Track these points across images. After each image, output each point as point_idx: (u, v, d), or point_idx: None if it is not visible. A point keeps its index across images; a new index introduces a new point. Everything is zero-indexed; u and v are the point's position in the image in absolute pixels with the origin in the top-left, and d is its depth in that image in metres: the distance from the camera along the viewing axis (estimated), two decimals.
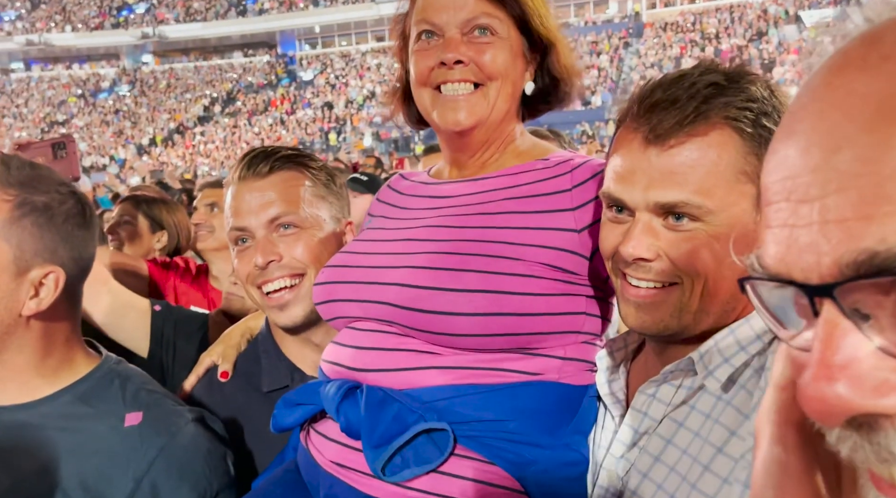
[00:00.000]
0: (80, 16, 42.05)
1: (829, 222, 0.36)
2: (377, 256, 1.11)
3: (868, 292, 0.35)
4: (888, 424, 0.35)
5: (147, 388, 1.17)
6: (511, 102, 1.13)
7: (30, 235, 1.04)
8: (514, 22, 1.12)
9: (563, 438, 1.04)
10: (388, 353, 1.05)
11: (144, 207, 2.65)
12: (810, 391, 0.36)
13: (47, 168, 1.14)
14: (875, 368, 0.35)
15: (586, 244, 1.05)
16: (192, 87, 39.11)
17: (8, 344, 1.05)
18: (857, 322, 0.36)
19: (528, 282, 1.01)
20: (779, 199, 0.39)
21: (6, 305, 1.03)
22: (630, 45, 32.27)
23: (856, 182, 0.35)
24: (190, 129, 35.05)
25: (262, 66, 40.00)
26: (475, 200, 1.12)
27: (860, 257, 0.34)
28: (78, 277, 1.12)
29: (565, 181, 1.08)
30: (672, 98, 0.87)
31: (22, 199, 1.04)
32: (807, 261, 0.37)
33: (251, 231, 1.28)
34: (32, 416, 1.07)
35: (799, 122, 0.39)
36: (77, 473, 1.05)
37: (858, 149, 0.35)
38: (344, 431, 1.03)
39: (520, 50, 1.13)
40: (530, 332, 1.02)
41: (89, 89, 40.30)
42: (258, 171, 1.29)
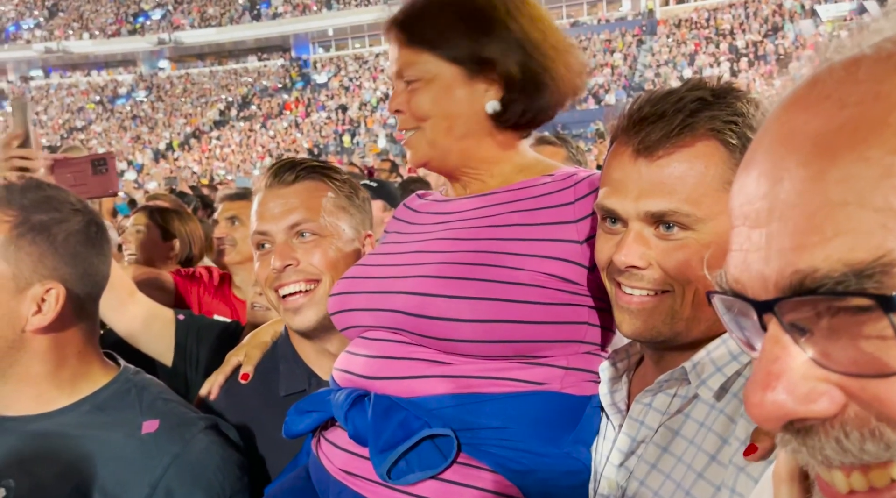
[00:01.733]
0: (98, 23, 42.61)
1: (773, 249, 0.39)
2: (388, 268, 1.16)
3: (804, 310, 0.38)
4: (821, 429, 0.39)
5: (163, 397, 1.21)
6: (457, 133, 1.15)
7: (27, 254, 1.08)
8: (441, 57, 1.14)
9: (564, 447, 1.06)
10: (396, 361, 1.08)
11: (157, 217, 2.70)
12: (751, 397, 0.40)
13: (58, 189, 1.19)
14: (806, 377, 0.38)
15: (588, 255, 1.07)
16: (208, 92, 39.50)
17: (17, 358, 1.09)
18: (795, 336, 0.39)
19: (531, 291, 1.04)
20: (738, 223, 0.43)
21: (8, 321, 1.07)
22: (644, 42, 32.12)
23: (792, 212, 0.38)
24: (206, 133, 35.40)
25: (277, 70, 40.30)
26: (481, 214, 1.15)
27: (793, 280, 0.37)
28: (86, 292, 1.16)
29: (568, 194, 1.11)
30: (660, 112, 0.90)
31: (21, 219, 1.09)
32: (756, 282, 0.40)
33: (272, 236, 1.33)
34: (52, 425, 1.12)
35: (756, 152, 0.43)
36: (95, 480, 1.09)
37: (795, 181, 0.38)
38: (352, 437, 1.07)
39: (458, 80, 1.13)
40: (532, 339, 1.05)
41: (107, 95, 40.83)
42: (283, 180, 1.34)
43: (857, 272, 0.35)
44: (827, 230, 0.36)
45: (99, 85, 41.89)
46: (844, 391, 0.38)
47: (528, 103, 1.14)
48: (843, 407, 0.38)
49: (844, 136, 0.37)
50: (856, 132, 0.37)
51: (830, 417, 0.38)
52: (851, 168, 0.36)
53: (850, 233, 0.36)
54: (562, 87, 1.16)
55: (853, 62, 0.39)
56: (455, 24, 1.13)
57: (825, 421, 0.39)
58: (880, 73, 0.38)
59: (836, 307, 0.37)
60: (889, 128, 0.36)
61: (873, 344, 0.36)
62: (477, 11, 1.13)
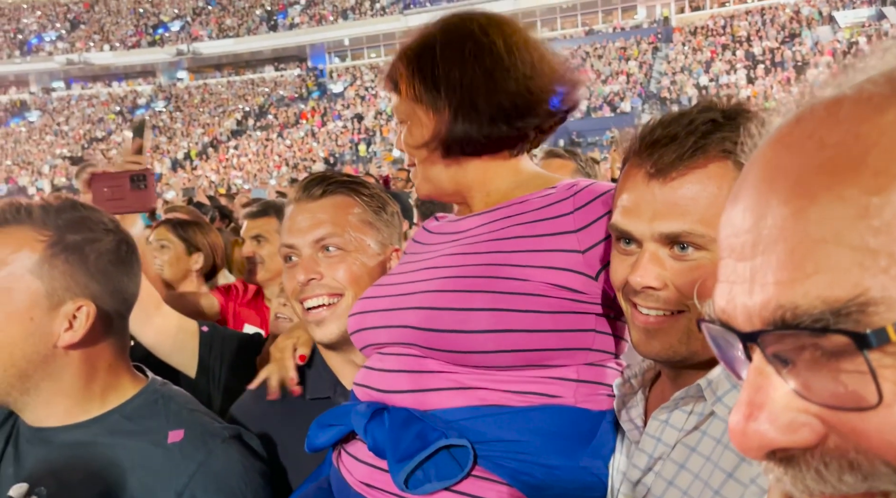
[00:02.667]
0: (118, 35, 43.29)
1: (756, 282, 0.40)
2: (400, 286, 1.19)
3: (787, 342, 0.39)
4: (802, 460, 0.39)
5: (188, 407, 1.24)
6: (443, 161, 1.20)
7: (60, 273, 1.12)
8: (408, 96, 1.20)
9: (580, 461, 1.07)
10: (411, 375, 1.11)
11: (180, 231, 2.74)
12: (734, 426, 0.41)
13: (93, 210, 1.23)
14: (788, 408, 0.39)
15: (591, 264, 1.09)
16: (226, 102, 39.90)
17: (49, 371, 1.13)
18: (777, 367, 0.40)
19: (535, 300, 1.06)
20: (725, 255, 0.44)
21: (41, 337, 1.11)
22: (659, 50, 32.03)
23: (774, 247, 0.39)
24: (223, 142, 35.74)
25: (293, 80, 40.65)
26: (486, 230, 1.18)
27: (776, 314, 0.39)
28: (115, 309, 1.20)
29: (567, 205, 1.13)
30: (671, 135, 0.92)
31: (56, 238, 1.13)
32: (740, 313, 0.42)
33: (298, 249, 1.36)
34: (83, 434, 1.16)
35: (742, 186, 0.43)
36: (124, 487, 1.12)
37: (777, 218, 0.39)
38: (371, 449, 1.09)
39: (424, 116, 1.19)
40: (539, 348, 1.07)
41: (127, 106, 41.38)
42: (312, 194, 1.38)
43: (835, 310, 0.36)
44: (807, 267, 0.37)
45: (119, 96, 42.48)
46: (825, 423, 0.38)
47: (467, 131, 1.16)
48: (824, 438, 0.39)
49: (824, 175, 0.38)
50: (834, 172, 0.37)
51: (811, 447, 0.39)
52: (830, 207, 0.37)
53: (829, 271, 0.36)
54: (508, 104, 1.15)
55: (835, 102, 0.40)
56: (409, 68, 1.20)
57: (806, 451, 0.39)
58: (860, 115, 0.38)
59: (816, 342, 0.38)
60: (867, 168, 0.36)
61: (852, 378, 0.37)
62: (423, 54, 1.19)
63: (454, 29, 1.18)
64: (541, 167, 3.15)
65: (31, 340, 1.10)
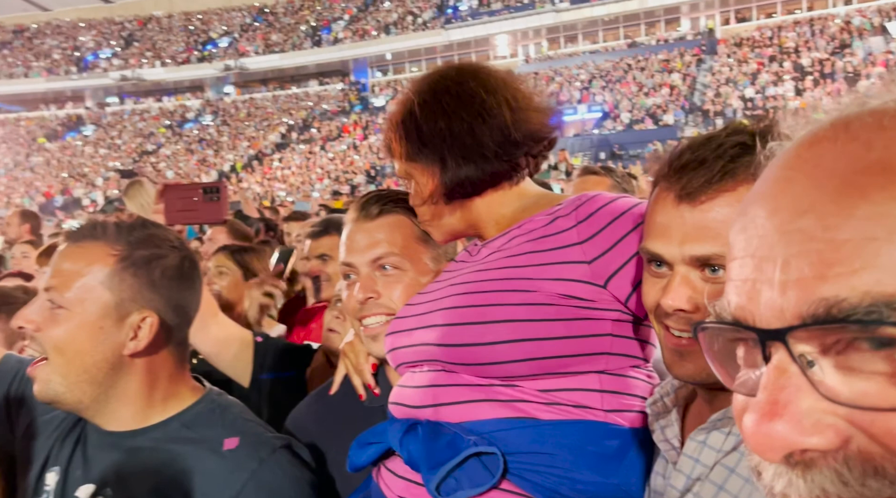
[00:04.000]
0: (169, 51, 44.64)
1: (790, 279, 0.40)
2: (423, 305, 1.25)
3: (815, 341, 0.39)
4: (822, 462, 0.39)
5: (243, 417, 1.31)
6: (448, 207, 1.26)
7: (128, 286, 1.21)
8: (406, 158, 1.26)
9: (612, 478, 1.08)
10: (441, 389, 1.16)
11: (237, 257, 2.82)
12: (755, 426, 0.40)
13: (161, 227, 1.31)
14: (813, 409, 0.39)
15: (598, 273, 1.12)
16: (270, 116, 40.71)
17: (116, 378, 1.22)
18: (803, 367, 0.39)
19: (546, 310, 1.11)
20: (744, 254, 0.43)
21: (109, 345, 1.20)
22: (703, 61, 31.55)
23: (815, 245, 0.39)
24: (268, 155, 36.44)
25: (336, 94, 41.27)
26: (499, 252, 1.23)
27: (819, 308, 0.38)
28: (177, 322, 1.27)
29: (570, 219, 1.17)
30: (700, 159, 0.93)
31: (126, 254, 1.22)
32: (767, 313, 0.41)
33: (356, 268, 1.40)
34: (146, 440, 1.23)
35: (770, 186, 0.44)
36: (182, 491, 1.18)
37: (822, 215, 0.39)
38: (407, 463, 1.14)
39: (422, 173, 1.26)
40: (555, 355, 1.10)
41: (176, 120, 42.57)
42: (369, 214, 1.41)
43: (888, 304, 0.36)
44: (854, 263, 0.37)
45: (169, 110, 43.73)
46: (852, 424, 0.38)
47: (463, 176, 1.22)
48: (847, 441, 0.38)
49: (873, 175, 0.39)
50: (884, 173, 0.38)
51: (833, 450, 0.38)
52: (882, 206, 0.37)
53: (878, 267, 0.37)
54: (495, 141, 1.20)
55: (881, 111, 0.42)
56: (396, 133, 1.27)
57: (827, 454, 0.39)
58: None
59: (850, 339, 0.38)
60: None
61: (889, 377, 0.37)
62: (406, 118, 1.25)
63: (429, 87, 1.25)
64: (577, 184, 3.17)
65: (100, 348, 1.19)
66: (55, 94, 44.95)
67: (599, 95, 30.82)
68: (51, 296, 1.19)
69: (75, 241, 1.24)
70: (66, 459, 1.28)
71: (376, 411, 1.38)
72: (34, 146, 41.81)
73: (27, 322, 1.19)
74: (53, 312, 1.19)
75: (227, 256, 2.84)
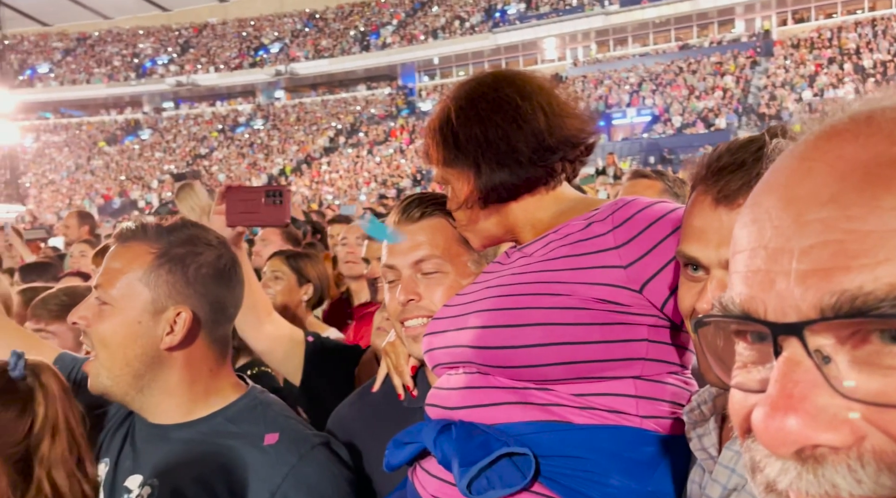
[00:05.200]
0: (223, 57, 45.90)
1: (809, 270, 0.39)
2: (460, 307, 1.26)
3: (832, 336, 0.38)
4: (833, 458, 0.38)
5: (284, 414, 1.34)
6: (484, 212, 1.26)
7: (164, 282, 1.26)
8: (444, 168, 1.28)
9: (647, 485, 1.07)
10: (475, 391, 1.17)
11: (292, 262, 2.88)
12: (763, 419, 0.39)
13: (201, 228, 1.36)
14: (829, 405, 0.38)
15: (634, 278, 1.11)
16: (319, 120, 41.44)
17: (157, 372, 1.27)
18: (818, 362, 0.39)
19: (581, 314, 1.10)
20: (756, 245, 0.42)
21: (148, 339, 1.25)
22: (758, 64, 30.77)
23: (837, 235, 0.38)
24: (316, 159, 37.08)
25: (384, 99, 41.75)
26: (535, 256, 1.23)
27: (841, 299, 0.37)
28: (213, 317, 1.31)
29: (607, 224, 1.16)
30: (739, 161, 0.91)
31: (163, 251, 1.27)
32: (782, 304, 0.40)
33: (398, 270, 1.41)
34: (190, 433, 1.28)
35: (786, 177, 0.43)
36: (225, 484, 1.22)
37: (844, 206, 0.38)
38: (440, 462, 1.15)
39: (459, 178, 1.26)
40: (590, 359, 1.10)
41: (228, 124, 43.74)
42: (410, 216, 1.42)
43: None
44: (878, 254, 0.37)
45: (221, 114, 44.97)
46: (867, 422, 0.37)
47: (498, 181, 1.23)
48: (862, 439, 0.37)
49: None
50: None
51: (846, 447, 0.38)
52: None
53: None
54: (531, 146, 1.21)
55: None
56: (433, 139, 1.28)
57: (838, 450, 0.38)
58: None
59: (868, 333, 0.37)
60: None
61: None
62: (443, 124, 1.27)
63: (465, 94, 1.27)
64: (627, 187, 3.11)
65: (139, 342, 1.24)
66: (115, 99, 46.72)
67: (649, 99, 30.37)
68: (98, 293, 1.27)
69: (123, 241, 1.31)
70: (116, 450, 1.33)
71: (416, 412, 1.38)
72: (95, 150, 43.54)
73: (79, 318, 1.26)
74: (101, 308, 1.26)
75: (282, 261, 2.89)
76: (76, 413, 1.31)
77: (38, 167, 42.51)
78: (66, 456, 1.25)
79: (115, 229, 1.33)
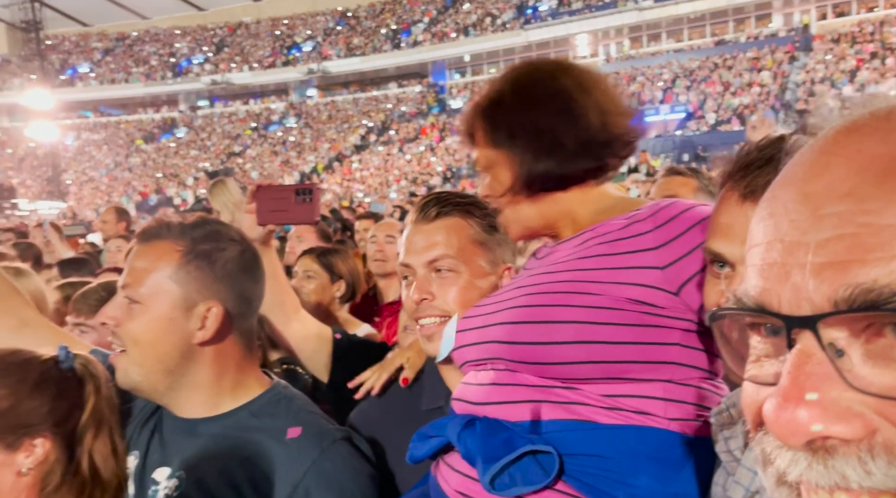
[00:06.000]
0: (256, 56, 46.45)
1: (824, 263, 0.39)
2: (492, 305, 1.26)
3: (846, 329, 0.38)
4: (844, 450, 0.38)
5: (307, 408, 1.36)
6: (528, 200, 1.25)
7: (193, 278, 1.28)
8: (488, 147, 1.26)
9: (671, 487, 1.06)
10: (502, 387, 1.17)
11: (323, 260, 2.88)
12: (779, 411, 0.39)
13: (221, 224, 1.39)
14: (841, 398, 0.38)
15: (671, 280, 1.10)
16: (350, 118, 41.69)
17: (188, 367, 1.29)
18: (831, 355, 0.39)
19: (613, 313, 1.09)
20: (773, 238, 0.42)
21: (180, 335, 1.27)
22: (796, 59, 30.06)
23: (853, 228, 0.38)
24: (347, 157, 37.32)
25: (415, 96, 41.82)
26: (571, 253, 1.22)
27: (855, 292, 0.37)
28: (240, 310, 1.34)
29: (647, 224, 1.15)
30: (767, 157, 0.91)
31: (189, 248, 1.30)
32: (796, 296, 0.40)
33: (413, 269, 1.42)
34: (217, 427, 1.30)
35: (804, 171, 0.43)
36: (248, 477, 1.24)
37: (861, 199, 0.38)
38: (464, 457, 1.15)
39: (507, 162, 1.24)
40: (621, 359, 1.09)
41: (262, 122, 44.26)
42: (426, 216, 1.44)
43: None
44: (894, 248, 0.37)
45: (255, 112, 45.53)
46: (880, 415, 0.37)
47: (548, 169, 1.21)
48: (873, 432, 0.37)
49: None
50: None
51: (856, 440, 0.38)
52: None
53: None
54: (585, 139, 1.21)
55: None
56: (485, 120, 1.26)
57: (849, 442, 0.38)
58: None
59: (883, 326, 0.37)
60: None
61: None
62: (497, 105, 1.26)
63: (522, 78, 1.26)
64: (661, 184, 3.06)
65: (171, 338, 1.26)
66: (152, 98, 47.65)
67: (683, 95, 29.88)
68: (127, 293, 1.29)
69: (146, 240, 1.33)
70: (144, 443, 1.36)
71: (434, 413, 1.40)
72: (132, 148, 44.45)
73: (108, 318, 1.30)
74: (130, 307, 1.28)
75: (312, 260, 2.89)
76: (114, 406, 1.35)
77: (78, 165, 43.58)
78: (106, 445, 1.29)
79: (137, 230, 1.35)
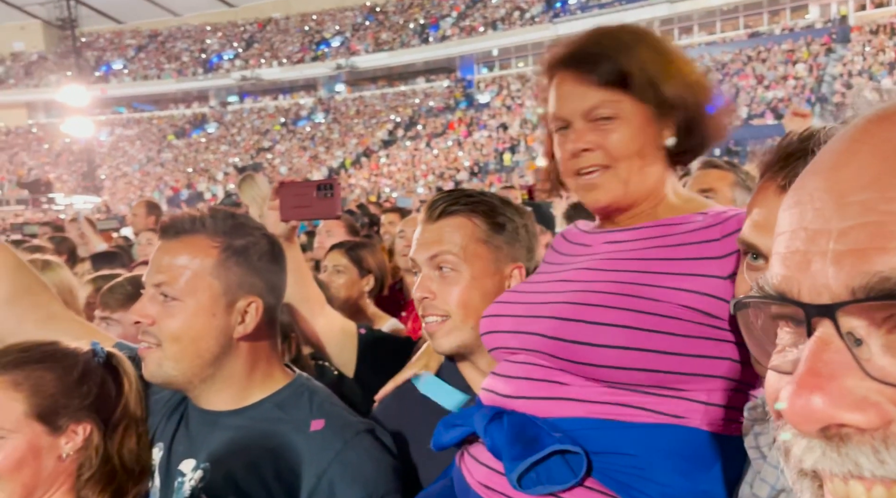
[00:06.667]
0: (285, 51, 46.85)
1: (845, 251, 0.38)
2: (535, 295, 1.22)
3: (866, 318, 0.38)
4: (859, 438, 0.38)
5: (330, 401, 1.36)
6: (647, 171, 1.19)
7: (234, 273, 1.28)
8: (636, 96, 1.19)
9: (700, 484, 1.05)
10: (536, 382, 1.14)
11: (351, 254, 2.87)
12: (794, 397, 0.39)
13: (244, 216, 1.39)
14: (857, 387, 0.38)
15: (731, 291, 1.07)
16: (378, 113, 41.84)
17: (224, 362, 1.29)
18: (849, 344, 0.39)
19: (668, 322, 1.06)
20: (797, 227, 0.42)
21: (221, 330, 1.27)
22: (833, 51, 29.35)
23: (875, 217, 0.38)
24: (375, 152, 37.47)
25: (442, 91, 41.80)
26: (627, 247, 1.19)
27: (872, 280, 0.37)
28: (274, 303, 1.35)
29: (715, 232, 1.12)
30: (807, 149, 0.86)
31: (227, 244, 1.29)
32: (816, 284, 0.40)
33: (419, 265, 1.44)
34: (244, 419, 1.31)
35: (832, 160, 0.43)
36: (274, 468, 1.24)
37: (884, 188, 0.38)
38: (490, 449, 1.13)
39: (648, 118, 1.18)
40: (669, 370, 1.05)
41: (290, 118, 44.66)
42: (433, 213, 1.44)
43: None
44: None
45: (284, 108, 45.94)
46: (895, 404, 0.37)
47: (689, 142, 1.21)
48: (889, 422, 0.38)
49: None
50: None
51: (871, 429, 0.38)
52: None
53: None
54: (712, 124, 1.23)
55: None
56: (645, 67, 1.17)
57: (864, 431, 0.38)
58: None
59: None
60: None
61: None
62: (660, 54, 1.20)
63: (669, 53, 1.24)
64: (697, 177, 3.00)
65: (213, 334, 1.26)
66: (183, 93, 48.37)
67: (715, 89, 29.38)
68: (163, 289, 1.27)
69: (174, 235, 1.31)
70: (170, 435, 1.36)
71: None
72: (164, 143, 45.19)
73: (143, 317, 1.27)
74: (167, 304, 1.26)
75: (341, 254, 2.89)
76: (142, 399, 1.37)
77: (112, 160, 44.46)
78: (134, 437, 1.31)
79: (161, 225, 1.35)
